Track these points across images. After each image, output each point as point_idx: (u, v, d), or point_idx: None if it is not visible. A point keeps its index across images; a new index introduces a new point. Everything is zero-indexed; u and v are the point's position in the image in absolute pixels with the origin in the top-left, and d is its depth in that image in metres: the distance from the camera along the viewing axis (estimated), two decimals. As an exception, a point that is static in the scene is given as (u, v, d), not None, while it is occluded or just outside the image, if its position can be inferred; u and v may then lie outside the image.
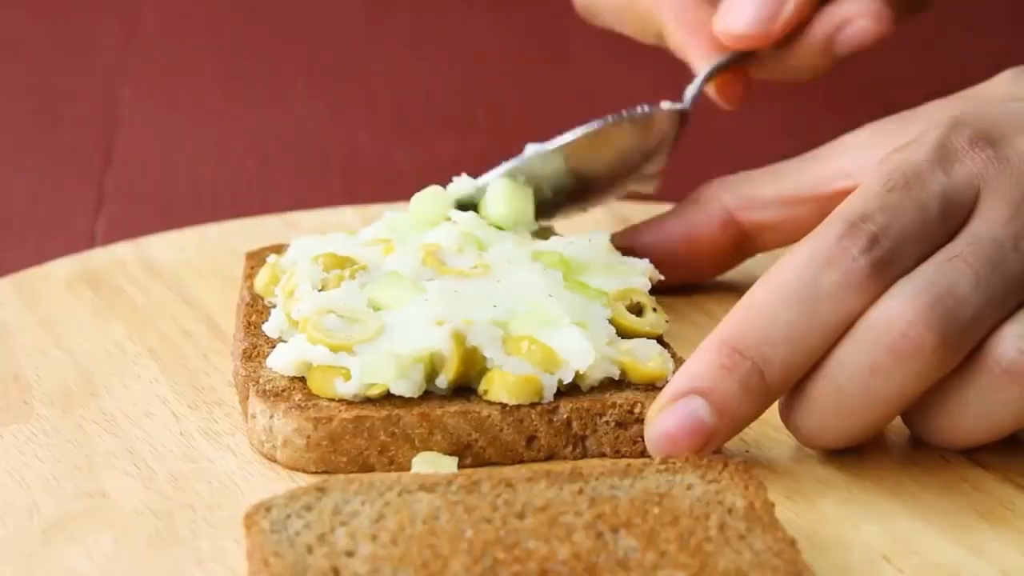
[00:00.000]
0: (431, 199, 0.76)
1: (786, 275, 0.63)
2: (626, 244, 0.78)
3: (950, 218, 0.64)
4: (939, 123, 0.67)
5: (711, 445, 0.63)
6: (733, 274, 0.82)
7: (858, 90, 1.18)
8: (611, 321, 0.70)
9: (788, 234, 0.78)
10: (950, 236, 0.64)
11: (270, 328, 0.71)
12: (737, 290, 0.82)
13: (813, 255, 0.63)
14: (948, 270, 0.62)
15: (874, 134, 0.76)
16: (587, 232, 0.77)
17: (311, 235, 0.77)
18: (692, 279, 0.80)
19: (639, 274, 0.74)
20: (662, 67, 0.86)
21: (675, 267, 0.77)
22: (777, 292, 0.63)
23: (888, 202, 0.63)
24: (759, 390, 0.63)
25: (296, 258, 0.74)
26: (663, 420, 0.63)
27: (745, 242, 0.79)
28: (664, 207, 0.83)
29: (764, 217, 0.78)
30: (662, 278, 0.74)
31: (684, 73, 0.83)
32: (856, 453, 0.67)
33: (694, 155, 1.06)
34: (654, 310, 0.72)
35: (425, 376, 0.66)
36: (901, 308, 0.61)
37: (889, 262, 0.62)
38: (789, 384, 0.64)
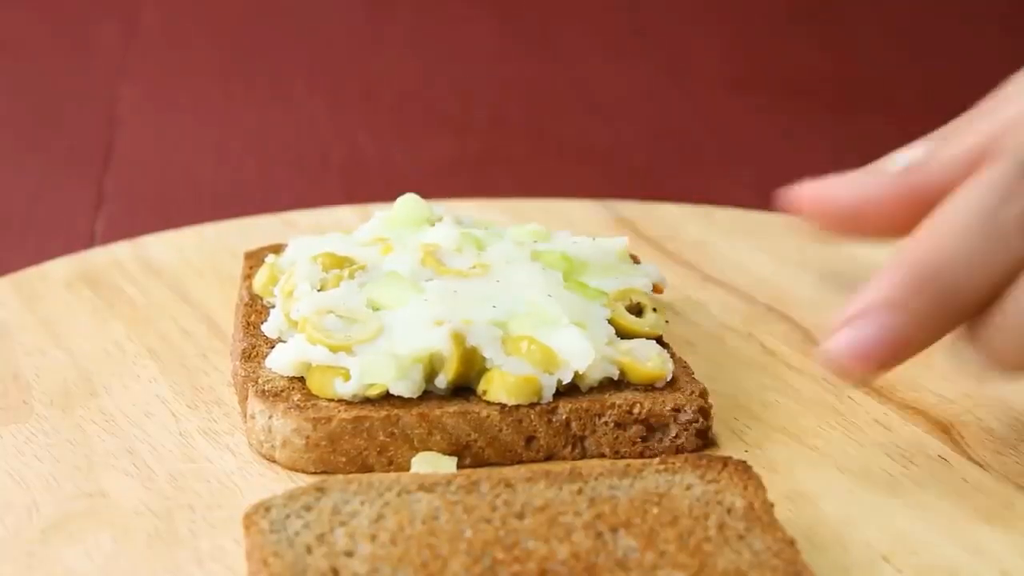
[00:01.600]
0: (414, 205, 0.76)
1: (970, 204, 0.62)
2: (801, 201, 0.75)
3: None
4: None
5: (889, 363, 0.62)
6: (733, 274, 0.82)
7: (858, 90, 1.18)
8: (610, 321, 0.70)
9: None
10: None
11: (269, 328, 0.71)
12: (736, 291, 0.82)
13: (992, 188, 0.62)
14: None
15: None
16: (596, 234, 0.77)
17: (309, 235, 0.77)
18: (869, 236, 0.77)
19: (639, 275, 0.74)
20: (661, 67, 0.86)
21: (852, 226, 0.74)
22: (962, 220, 0.62)
23: None
24: (946, 312, 0.62)
25: (294, 258, 0.74)
26: (848, 334, 0.62)
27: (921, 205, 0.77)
28: (670, 207, 0.83)
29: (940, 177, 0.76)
30: (669, 286, 0.74)
31: (679, 71, 0.83)
32: (856, 453, 0.67)
33: (698, 156, 1.07)
34: (654, 310, 0.72)
35: (424, 376, 0.66)
36: None
37: None
38: (975, 310, 0.62)
